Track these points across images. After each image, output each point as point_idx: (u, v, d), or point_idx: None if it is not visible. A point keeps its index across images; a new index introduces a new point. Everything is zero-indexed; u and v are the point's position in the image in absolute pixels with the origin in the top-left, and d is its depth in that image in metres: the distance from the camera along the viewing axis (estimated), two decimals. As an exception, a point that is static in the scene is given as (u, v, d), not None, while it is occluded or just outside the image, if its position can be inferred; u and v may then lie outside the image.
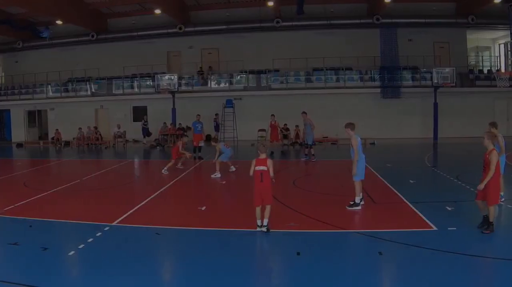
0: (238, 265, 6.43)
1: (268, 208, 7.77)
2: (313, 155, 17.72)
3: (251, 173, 7.81)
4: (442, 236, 7.57)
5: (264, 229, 7.78)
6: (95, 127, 26.72)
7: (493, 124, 10.05)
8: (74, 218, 8.79)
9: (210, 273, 6.10)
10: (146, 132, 26.58)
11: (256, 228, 7.82)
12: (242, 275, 6.11)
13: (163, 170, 14.76)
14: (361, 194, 9.48)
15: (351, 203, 9.45)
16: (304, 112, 18.07)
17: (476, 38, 28.30)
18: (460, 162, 12.45)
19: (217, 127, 26.69)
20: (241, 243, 7.44)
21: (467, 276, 6.00)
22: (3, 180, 14.25)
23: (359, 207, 9.41)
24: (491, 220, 7.48)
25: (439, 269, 6.20)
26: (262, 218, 7.80)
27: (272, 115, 20.95)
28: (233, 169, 15.00)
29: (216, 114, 26.66)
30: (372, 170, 14.47)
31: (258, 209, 7.79)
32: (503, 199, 10.01)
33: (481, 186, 7.45)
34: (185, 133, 25.81)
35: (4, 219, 8.86)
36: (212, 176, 14.02)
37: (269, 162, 7.79)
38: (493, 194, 7.49)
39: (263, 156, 7.88)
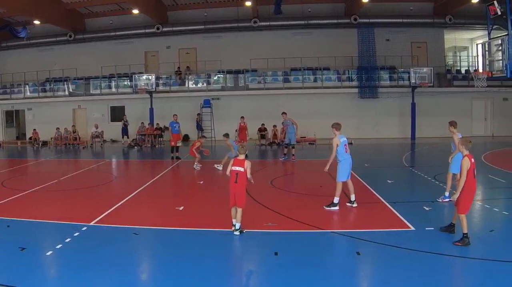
0: (215, 265, 6.44)
1: (239, 211, 7.71)
2: (293, 155, 17.70)
3: (228, 172, 7.81)
4: (419, 236, 7.60)
5: (236, 232, 7.73)
6: (73, 126, 26.63)
7: (452, 123, 10.10)
8: (52, 218, 8.82)
9: (188, 273, 6.11)
10: (126, 132, 26.51)
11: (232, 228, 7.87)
12: (220, 275, 6.13)
13: (194, 165, 15.79)
14: (353, 194, 9.59)
15: (330, 203, 9.50)
16: (284, 113, 18.14)
17: (453, 38, 28.34)
18: (438, 162, 12.51)
19: (199, 127, 26.78)
20: (218, 243, 7.46)
21: (445, 276, 6.00)
22: (-19, 180, 14.21)
23: (337, 208, 9.41)
24: (464, 231, 7.07)
25: (417, 269, 6.21)
26: (236, 218, 7.81)
27: (242, 117, 21.03)
28: (220, 167, 15.23)
29: (198, 114, 26.72)
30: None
31: (233, 209, 7.81)
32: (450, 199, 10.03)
33: (455, 197, 7.21)
34: (162, 133, 25.99)
35: (-18, 219, 8.81)
36: (215, 165, 15.25)
37: (247, 163, 7.75)
38: (463, 202, 7.10)
39: (241, 156, 7.85)
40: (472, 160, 7.12)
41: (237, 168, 7.68)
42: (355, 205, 9.61)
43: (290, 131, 17.70)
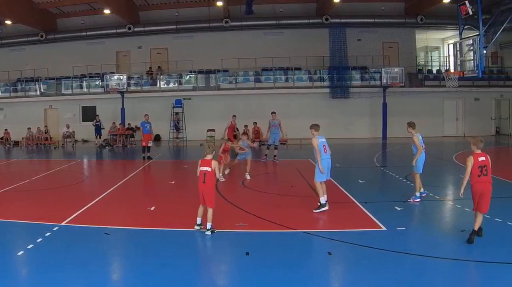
0: (187, 265, 6.43)
1: (210, 211, 7.77)
2: (276, 155, 17.52)
3: (198, 173, 7.86)
4: (391, 236, 7.61)
5: (208, 232, 7.75)
6: (46, 127, 26.57)
7: (410, 125, 10.14)
8: (23, 218, 8.80)
9: (159, 274, 6.09)
10: (99, 131, 26.41)
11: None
12: (191, 275, 6.11)
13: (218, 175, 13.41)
14: (325, 195, 9.34)
15: (318, 204, 9.29)
16: (273, 112, 17.98)
17: (425, 38, 28.38)
18: (409, 162, 12.51)
19: (176, 127, 26.82)
20: (190, 243, 7.48)
21: (416, 276, 6.00)
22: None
23: (326, 207, 9.22)
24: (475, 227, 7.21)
25: (388, 269, 6.23)
26: (201, 217, 7.88)
27: (234, 116, 20.43)
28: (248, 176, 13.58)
29: (176, 113, 26.69)
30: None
31: (200, 208, 7.92)
32: (424, 194, 10.24)
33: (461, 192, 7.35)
34: (134, 133, 25.95)
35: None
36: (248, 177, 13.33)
37: (214, 163, 7.79)
38: (483, 203, 7.18)
39: (208, 157, 7.86)
40: (480, 158, 7.13)
41: (205, 168, 7.72)
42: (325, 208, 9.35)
43: (276, 132, 17.44)
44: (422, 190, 10.23)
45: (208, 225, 7.76)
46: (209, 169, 7.69)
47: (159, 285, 5.78)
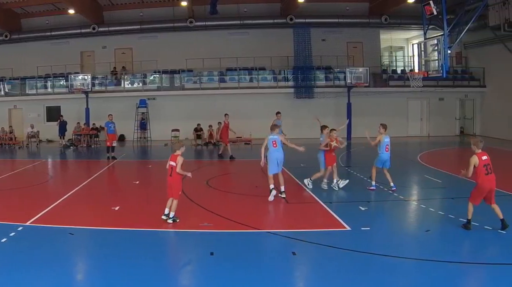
0: (151, 265, 6.44)
1: (175, 202, 8.36)
2: None
3: (167, 166, 8.52)
4: (355, 236, 7.67)
5: (170, 220, 8.37)
6: (10, 127, 26.46)
7: (384, 126, 11.40)
8: None
9: (123, 274, 6.09)
10: (63, 131, 26.33)
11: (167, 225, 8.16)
12: (155, 275, 6.11)
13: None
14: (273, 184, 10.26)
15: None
16: (278, 113, 18.11)
17: (389, 38, 28.47)
18: (373, 162, 12.65)
19: (143, 126, 26.78)
20: (154, 243, 7.52)
21: (380, 276, 6.02)
22: None
23: (274, 192, 10.04)
24: (468, 217, 7.81)
25: (353, 269, 6.26)
26: (169, 208, 8.44)
27: (226, 114, 19.84)
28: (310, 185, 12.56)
29: (143, 113, 26.64)
30: (286, 170, 14.46)
31: (169, 200, 8.45)
32: (394, 188, 11.10)
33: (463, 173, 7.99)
34: (98, 133, 25.90)
35: None
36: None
37: (179, 159, 8.32)
38: (473, 195, 7.87)
39: (177, 152, 8.43)
40: (483, 157, 7.68)
41: (172, 163, 8.36)
42: (283, 195, 10.16)
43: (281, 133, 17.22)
44: (373, 183, 11.37)
45: (171, 214, 8.36)
46: (174, 164, 8.28)
47: (124, 285, 5.78)
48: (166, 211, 8.44)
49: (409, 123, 27.28)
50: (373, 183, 11.50)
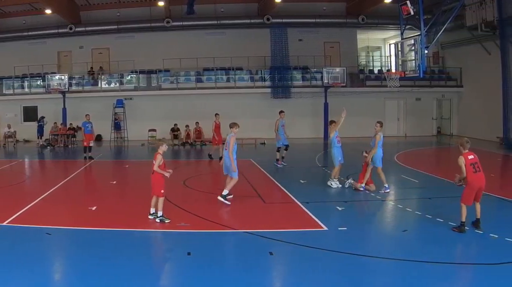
0: (128, 265, 6.44)
1: (160, 201, 8.50)
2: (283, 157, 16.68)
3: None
4: (332, 236, 7.75)
5: (157, 219, 8.52)
6: (-11, 127, 26.47)
7: (380, 123, 11.44)
8: None
9: (100, 274, 6.10)
10: (42, 132, 26.32)
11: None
12: (133, 275, 6.11)
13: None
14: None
15: (223, 195, 9.90)
16: (282, 111, 17.12)
17: (366, 38, 28.50)
18: (350, 161, 12.68)
19: (117, 126, 26.76)
20: (132, 243, 7.51)
21: (357, 276, 6.07)
22: None
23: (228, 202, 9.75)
24: (462, 219, 7.78)
25: (330, 269, 6.29)
26: (154, 207, 8.62)
27: (217, 114, 19.11)
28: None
29: (116, 113, 26.61)
30: (262, 170, 14.52)
31: (153, 199, 8.64)
32: (388, 190, 10.98)
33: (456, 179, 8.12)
34: (75, 133, 25.89)
35: None
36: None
37: (158, 157, 8.57)
38: (465, 194, 7.89)
39: (158, 151, 8.71)
40: (470, 157, 7.81)
41: (153, 161, 8.66)
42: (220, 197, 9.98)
43: (283, 132, 16.48)
44: (386, 184, 11.12)
45: (159, 213, 8.50)
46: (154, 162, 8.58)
47: (101, 285, 5.79)
48: (152, 211, 8.59)
49: (386, 123, 26.80)
50: (386, 184, 11.19)
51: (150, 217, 8.59)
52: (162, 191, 8.48)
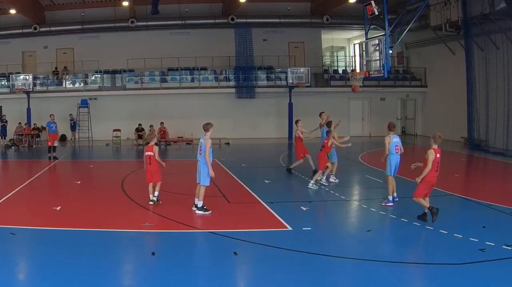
0: (92, 265, 6.41)
1: (158, 184, 9.88)
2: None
3: (144, 157, 9.93)
4: (297, 236, 7.74)
5: (154, 198, 9.83)
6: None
7: (391, 124, 10.46)
8: None
9: (65, 274, 6.07)
10: (5, 132, 26.25)
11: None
12: (97, 276, 6.09)
13: (311, 184, 12.10)
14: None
15: (199, 207, 9.22)
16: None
17: (331, 38, 28.58)
18: (315, 162, 12.68)
19: (73, 127, 26.64)
20: (96, 243, 7.48)
21: (321, 276, 6.07)
22: None
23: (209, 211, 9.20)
24: (425, 210, 8.20)
25: (294, 269, 6.30)
26: (153, 192, 9.85)
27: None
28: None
29: (71, 114, 26.53)
30: (227, 170, 14.51)
31: (150, 186, 9.89)
32: (396, 199, 9.95)
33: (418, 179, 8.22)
34: (40, 133, 25.84)
35: None
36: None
37: (155, 148, 9.83)
38: (418, 189, 8.18)
39: (151, 143, 10.03)
40: (438, 155, 7.97)
41: (148, 153, 9.78)
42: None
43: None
44: (395, 194, 9.95)
45: (156, 193, 9.85)
46: (151, 153, 9.71)
47: (65, 285, 5.78)
48: (151, 197, 9.80)
49: (350, 123, 27.26)
50: (393, 195, 9.93)
51: (150, 203, 9.78)
52: (160, 176, 9.93)
